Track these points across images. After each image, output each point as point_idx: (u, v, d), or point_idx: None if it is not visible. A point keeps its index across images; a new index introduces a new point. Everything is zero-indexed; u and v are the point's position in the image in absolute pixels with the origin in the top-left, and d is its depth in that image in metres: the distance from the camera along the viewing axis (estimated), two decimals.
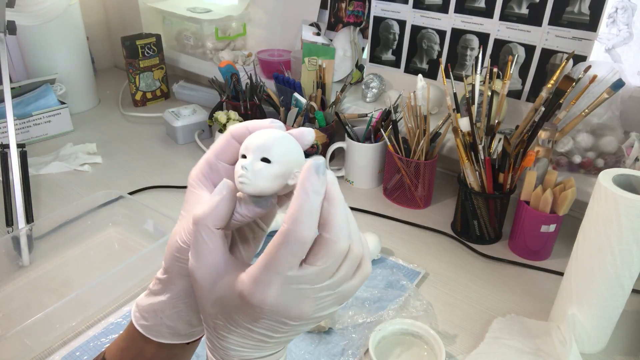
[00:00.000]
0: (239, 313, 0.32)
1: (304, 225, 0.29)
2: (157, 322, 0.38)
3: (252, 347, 0.34)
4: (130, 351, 0.41)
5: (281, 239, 0.29)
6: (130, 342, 0.41)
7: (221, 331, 0.33)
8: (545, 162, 0.82)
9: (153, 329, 0.38)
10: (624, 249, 0.57)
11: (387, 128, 0.99)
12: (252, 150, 0.31)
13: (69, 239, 0.86)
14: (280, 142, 0.32)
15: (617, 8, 0.91)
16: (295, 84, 1.11)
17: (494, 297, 0.76)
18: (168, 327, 0.38)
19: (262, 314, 0.31)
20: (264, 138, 0.32)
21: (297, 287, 0.31)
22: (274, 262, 0.30)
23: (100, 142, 1.21)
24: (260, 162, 0.31)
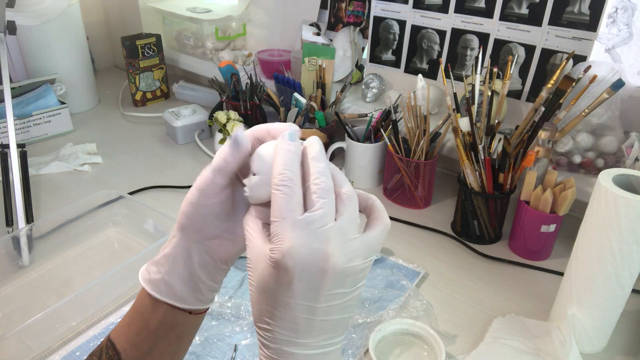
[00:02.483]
0: (272, 283, 0.34)
1: (283, 170, 0.34)
2: (157, 276, 0.41)
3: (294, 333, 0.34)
4: (135, 325, 0.43)
5: (275, 191, 0.34)
6: (135, 315, 0.43)
7: (265, 317, 0.35)
8: (545, 162, 0.82)
9: (153, 283, 0.41)
10: (624, 249, 0.57)
11: (387, 128, 0.99)
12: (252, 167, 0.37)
13: (69, 239, 0.86)
14: (258, 155, 0.37)
15: (617, 8, 0.91)
16: (295, 84, 1.11)
17: (494, 297, 0.76)
18: (166, 283, 0.40)
19: (291, 272, 0.33)
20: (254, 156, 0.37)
21: (311, 230, 0.33)
22: (277, 211, 0.33)
23: (100, 142, 1.21)
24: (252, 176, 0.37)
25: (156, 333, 0.42)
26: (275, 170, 0.34)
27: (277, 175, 0.34)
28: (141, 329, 0.42)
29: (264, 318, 0.35)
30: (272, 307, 0.34)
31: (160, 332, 0.42)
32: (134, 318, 0.43)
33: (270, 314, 0.34)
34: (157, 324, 0.42)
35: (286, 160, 0.34)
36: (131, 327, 0.43)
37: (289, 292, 0.33)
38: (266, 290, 0.34)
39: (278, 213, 0.33)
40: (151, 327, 0.42)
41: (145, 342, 0.43)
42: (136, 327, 0.43)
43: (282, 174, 0.34)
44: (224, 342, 0.67)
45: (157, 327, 0.42)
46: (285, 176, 0.34)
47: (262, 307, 0.35)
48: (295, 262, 0.32)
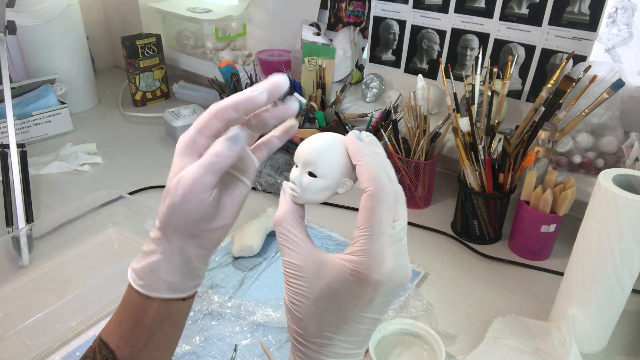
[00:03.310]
0: (350, 299, 0.32)
1: (384, 180, 0.31)
2: (155, 279, 0.40)
3: (355, 345, 0.34)
4: (127, 322, 0.42)
5: (374, 201, 0.30)
6: (126, 312, 0.42)
7: (327, 332, 0.33)
8: (545, 162, 0.82)
9: (152, 287, 0.40)
10: (624, 249, 0.57)
11: (387, 128, 0.98)
12: (300, 163, 0.34)
13: (69, 239, 0.86)
14: (326, 157, 0.33)
15: (617, 8, 0.91)
16: (295, 84, 1.11)
17: (494, 297, 0.76)
18: (166, 282, 0.40)
19: (379, 289, 0.31)
20: (309, 150, 0.34)
21: (399, 245, 0.32)
22: (377, 224, 0.30)
23: (100, 142, 1.21)
24: (308, 176, 0.33)
25: (151, 327, 0.42)
26: (372, 175, 0.31)
27: (377, 184, 0.31)
28: (134, 325, 0.42)
29: (325, 333, 0.33)
30: (341, 321, 0.32)
31: (154, 324, 0.42)
32: (124, 316, 0.43)
33: (336, 328, 0.33)
34: (151, 318, 0.42)
35: (378, 168, 0.31)
36: (123, 324, 0.43)
37: (368, 306, 0.32)
38: (337, 304, 0.32)
39: (378, 228, 0.30)
40: (145, 322, 0.42)
41: (139, 337, 0.42)
42: (128, 324, 0.42)
43: (384, 186, 0.31)
44: (224, 342, 0.67)
45: (151, 321, 0.42)
46: (391, 189, 0.31)
47: (326, 321, 0.32)
48: (389, 279, 0.31)
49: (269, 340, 0.67)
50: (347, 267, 0.31)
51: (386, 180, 0.31)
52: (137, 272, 0.41)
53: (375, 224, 0.30)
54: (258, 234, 0.83)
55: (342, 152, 0.33)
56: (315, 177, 0.33)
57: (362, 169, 0.32)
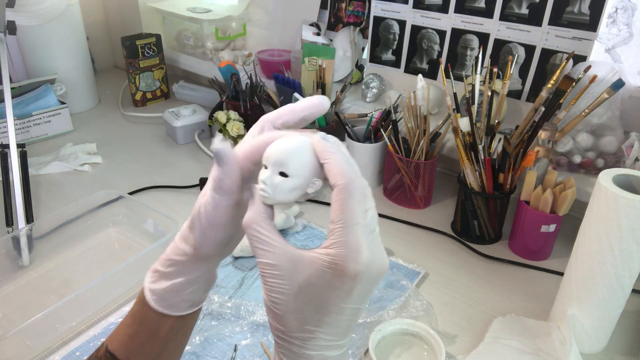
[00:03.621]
0: (330, 291, 0.32)
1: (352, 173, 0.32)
2: (178, 300, 0.40)
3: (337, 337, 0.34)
4: (140, 336, 0.42)
5: (345, 194, 0.31)
6: (138, 327, 0.42)
7: (309, 326, 0.33)
8: (545, 162, 0.82)
9: (174, 307, 0.40)
10: (624, 249, 0.57)
11: (387, 128, 0.98)
12: (271, 164, 0.34)
13: (69, 239, 0.86)
14: (296, 157, 0.33)
15: (617, 8, 0.91)
16: (295, 84, 1.11)
17: (494, 297, 0.76)
18: (187, 301, 0.40)
19: (358, 279, 0.32)
20: (280, 151, 0.33)
21: (373, 235, 0.33)
22: (350, 216, 0.31)
23: (100, 142, 1.21)
24: (279, 176, 0.33)
25: (166, 339, 0.42)
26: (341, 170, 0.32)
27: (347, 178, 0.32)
28: (147, 339, 0.42)
29: (307, 327, 0.33)
30: (322, 314, 0.33)
31: (170, 337, 0.42)
32: (136, 330, 0.42)
33: (317, 322, 0.33)
34: (167, 331, 0.41)
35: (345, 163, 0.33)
36: (135, 338, 0.42)
37: (347, 298, 0.32)
38: (316, 298, 0.32)
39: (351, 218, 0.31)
40: (160, 335, 0.41)
41: (153, 349, 0.42)
42: (141, 339, 0.42)
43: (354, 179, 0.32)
44: (224, 342, 0.67)
45: (167, 334, 0.42)
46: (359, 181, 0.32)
47: (307, 315, 0.33)
48: (366, 269, 0.31)
49: (269, 340, 0.67)
50: (325, 260, 0.32)
51: (354, 174, 0.32)
52: (157, 293, 0.40)
53: (349, 215, 0.31)
54: None
55: (311, 152, 0.34)
56: (287, 177, 0.33)
57: (331, 165, 0.33)
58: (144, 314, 0.41)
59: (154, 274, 0.41)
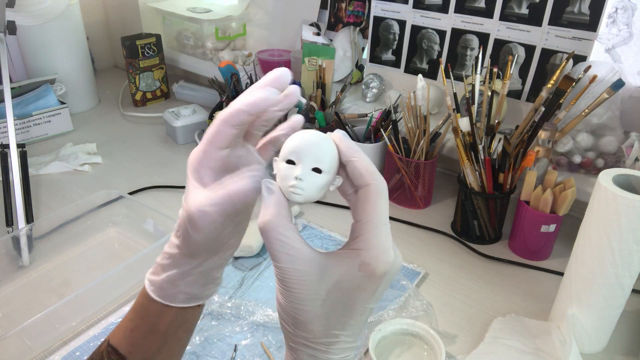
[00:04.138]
0: (358, 293, 0.32)
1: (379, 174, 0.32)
2: (174, 290, 0.39)
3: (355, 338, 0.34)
4: (141, 329, 0.42)
5: (376, 194, 0.31)
6: (140, 320, 0.42)
7: (334, 330, 0.33)
8: (545, 162, 0.82)
9: (171, 297, 0.40)
10: (624, 249, 0.57)
11: (387, 128, 0.98)
12: (306, 160, 0.32)
13: (69, 239, 0.86)
14: (330, 152, 0.33)
15: (617, 8, 0.91)
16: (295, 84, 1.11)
17: (494, 297, 0.76)
18: (185, 292, 0.40)
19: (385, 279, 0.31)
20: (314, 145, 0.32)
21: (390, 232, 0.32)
22: (380, 216, 0.31)
23: (100, 142, 1.21)
24: (313, 172, 0.32)
25: (166, 333, 0.42)
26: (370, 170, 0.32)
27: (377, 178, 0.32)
28: (148, 332, 0.42)
29: (332, 331, 0.33)
30: (348, 317, 0.32)
31: (170, 331, 0.42)
32: (137, 324, 0.42)
33: (343, 325, 0.33)
34: (167, 325, 0.41)
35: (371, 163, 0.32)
36: (136, 331, 0.42)
37: (371, 298, 0.32)
38: (344, 301, 0.32)
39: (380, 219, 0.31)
40: (160, 329, 0.41)
41: (153, 343, 0.42)
42: (142, 332, 0.42)
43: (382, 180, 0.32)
44: (224, 342, 0.67)
45: (167, 328, 0.41)
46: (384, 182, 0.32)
47: (333, 319, 0.32)
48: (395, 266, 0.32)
49: (269, 340, 0.67)
50: (356, 262, 0.31)
51: (379, 174, 0.32)
52: (155, 284, 0.40)
53: (379, 215, 0.31)
54: (258, 234, 0.83)
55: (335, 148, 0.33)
56: (320, 173, 0.32)
57: (360, 164, 0.32)
58: (145, 306, 0.41)
59: (155, 265, 0.41)
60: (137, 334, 0.42)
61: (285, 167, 0.32)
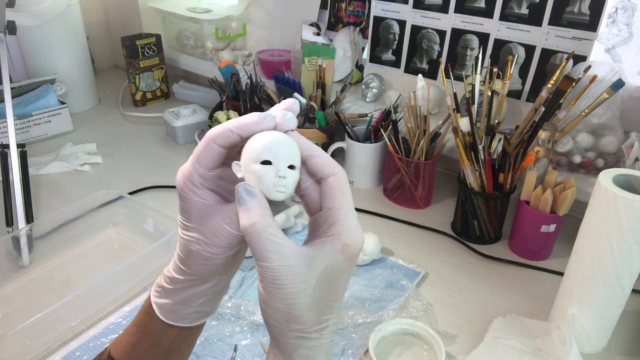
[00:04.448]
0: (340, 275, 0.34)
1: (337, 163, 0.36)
2: (188, 311, 0.39)
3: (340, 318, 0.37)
4: (144, 344, 0.41)
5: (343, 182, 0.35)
6: (142, 336, 0.41)
7: (324, 316, 0.34)
8: (545, 162, 0.82)
9: (181, 318, 0.39)
10: (624, 249, 0.57)
11: (387, 128, 0.98)
12: (282, 158, 0.33)
13: (69, 239, 0.86)
14: (297, 148, 0.34)
15: (617, 8, 0.91)
16: (295, 84, 1.11)
17: (494, 297, 0.76)
18: (198, 312, 0.40)
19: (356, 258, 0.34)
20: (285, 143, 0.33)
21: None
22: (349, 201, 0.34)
23: (100, 142, 1.21)
24: (289, 169, 0.33)
25: (169, 349, 0.41)
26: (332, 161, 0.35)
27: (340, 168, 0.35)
28: (151, 348, 0.41)
29: (323, 317, 0.34)
30: (333, 300, 0.34)
31: (173, 347, 0.41)
32: (140, 339, 0.41)
33: (330, 309, 0.34)
34: (171, 341, 0.41)
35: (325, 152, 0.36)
36: (138, 347, 0.41)
37: (349, 278, 0.35)
38: (330, 286, 0.33)
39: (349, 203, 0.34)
40: (164, 345, 0.41)
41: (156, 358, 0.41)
42: (145, 348, 0.41)
43: (342, 168, 0.35)
44: (224, 342, 0.67)
45: (171, 344, 0.41)
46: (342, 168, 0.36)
47: (323, 305, 0.33)
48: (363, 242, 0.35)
49: (269, 340, 0.67)
50: (338, 246, 0.33)
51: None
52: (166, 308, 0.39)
53: (348, 200, 0.34)
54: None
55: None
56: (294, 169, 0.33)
57: (321, 158, 0.35)
58: (147, 323, 0.40)
59: (158, 288, 0.39)
60: (138, 349, 0.41)
61: (261, 168, 0.33)
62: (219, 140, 0.34)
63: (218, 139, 0.34)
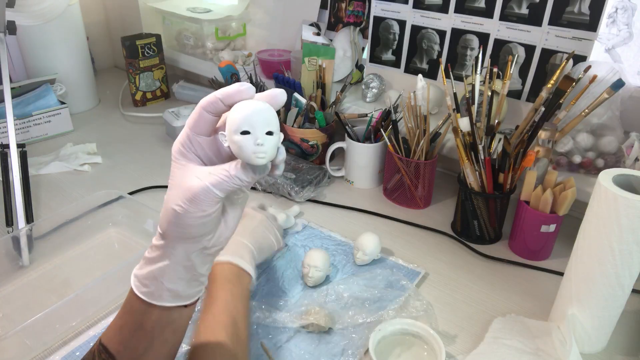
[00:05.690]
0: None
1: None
2: (158, 287, 0.41)
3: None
4: (129, 326, 0.43)
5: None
6: (127, 317, 0.43)
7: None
8: (545, 162, 0.83)
9: (155, 294, 0.41)
10: (624, 249, 0.57)
11: (387, 128, 0.99)
12: (259, 127, 0.36)
13: (69, 239, 0.86)
14: (274, 114, 0.37)
15: (617, 8, 0.91)
16: (295, 84, 1.11)
17: (494, 297, 0.76)
18: (169, 290, 0.41)
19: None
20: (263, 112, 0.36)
21: None
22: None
23: (100, 142, 1.21)
24: (267, 135, 0.36)
25: (152, 333, 0.42)
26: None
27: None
28: (135, 330, 0.42)
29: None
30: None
31: (156, 331, 0.42)
32: (126, 321, 0.43)
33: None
34: (153, 324, 0.42)
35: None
36: (124, 329, 0.43)
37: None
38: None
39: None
40: (146, 328, 0.42)
41: (140, 342, 0.42)
42: (129, 330, 0.42)
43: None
44: None
45: (153, 327, 0.42)
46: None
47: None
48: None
49: (269, 340, 0.67)
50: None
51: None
52: (140, 279, 0.41)
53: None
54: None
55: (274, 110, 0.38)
56: (272, 135, 0.36)
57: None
58: (130, 302, 0.43)
59: (141, 262, 0.42)
60: (125, 333, 0.43)
61: (242, 138, 0.36)
62: (210, 108, 0.38)
63: (209, 106, 0.38)
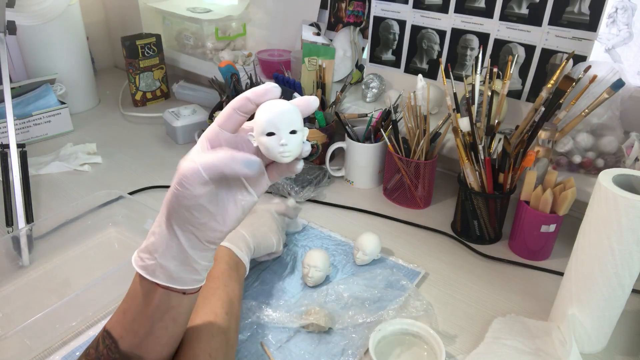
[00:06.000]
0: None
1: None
2: (152, 261, 0.43)
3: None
4: (131, 311, 0.45)
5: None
6: (130, 301, 0.45)
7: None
8: (545, 162, 0.83)
9: (149, 269, 0.43)
10: (624, 249, 0.57)
11: (387, 128, 0.99)
12: (283, 127, 0.39)
13: (69, 239, 0.86)
14: (297, 114, 0.40)
15: (617, 8, 0.91)
16: (295, 84, 1.11)
17: (494, 297, 0.76)
18: (161, 266, 0.42)
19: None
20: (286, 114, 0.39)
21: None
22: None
23: (100, 142, 1.21)
24: (291, 134, 0.39)
25: (152, 317, 0.44)
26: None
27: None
28: (137, 314, 0.44)
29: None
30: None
31: (156, 315, 0.44)
32: (129, 305, 0.45)
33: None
34: (153, 308, 0.44)
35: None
36: (127, 314, 0.45)
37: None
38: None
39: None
40: (147, 312, 0.44)
41: (141, 327, 0.44)
42: (132, 314, 0.45)
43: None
44: None
45: (153, 311, 0.44)
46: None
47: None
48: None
49: (269, 340, 0.67)
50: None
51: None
52: (139, 253, 0.44)
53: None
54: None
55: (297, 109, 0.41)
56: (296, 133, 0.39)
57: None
58: (133, 284, 0.45)
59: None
60: (128, 316, 0.45)
61: (267, 139, 0.40)
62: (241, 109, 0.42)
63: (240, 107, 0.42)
